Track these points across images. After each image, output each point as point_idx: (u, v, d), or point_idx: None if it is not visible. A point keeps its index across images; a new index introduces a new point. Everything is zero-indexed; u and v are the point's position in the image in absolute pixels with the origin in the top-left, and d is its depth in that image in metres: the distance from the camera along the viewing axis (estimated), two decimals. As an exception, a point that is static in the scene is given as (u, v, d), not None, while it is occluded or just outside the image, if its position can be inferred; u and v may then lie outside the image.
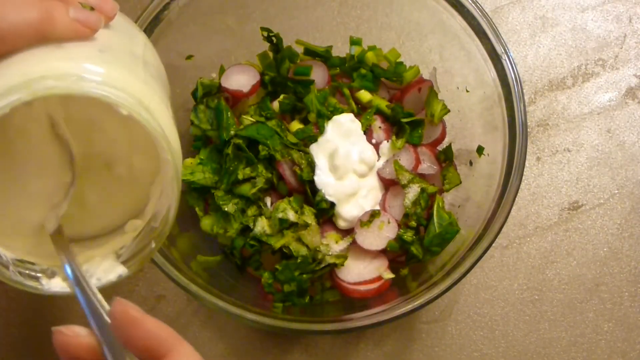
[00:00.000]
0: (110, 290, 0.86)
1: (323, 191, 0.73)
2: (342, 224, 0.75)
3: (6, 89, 0.43)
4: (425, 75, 0.84)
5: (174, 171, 0.50)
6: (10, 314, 0.85)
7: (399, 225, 0.76)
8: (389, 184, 0.78)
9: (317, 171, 0.74)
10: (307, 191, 0.74)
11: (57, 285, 0.54)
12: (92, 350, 0.46)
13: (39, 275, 0.55)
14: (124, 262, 0.56)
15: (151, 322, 0.45)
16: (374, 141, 0.79)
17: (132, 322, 0.45)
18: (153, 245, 0.54)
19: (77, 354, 0.46)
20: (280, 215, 0.72)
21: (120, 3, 0.97)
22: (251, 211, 0.75)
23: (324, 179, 0.73)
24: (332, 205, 0.73)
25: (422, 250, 0.75)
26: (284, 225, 0.73)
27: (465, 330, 0.84)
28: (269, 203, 0.76)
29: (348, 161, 0.74)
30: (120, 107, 0.46)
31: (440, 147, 0.84)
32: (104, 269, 0.55)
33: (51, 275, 0.55)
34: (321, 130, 0.76)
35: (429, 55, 0.85)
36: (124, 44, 0.53)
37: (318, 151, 0.75)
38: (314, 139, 0.75)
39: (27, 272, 0.54)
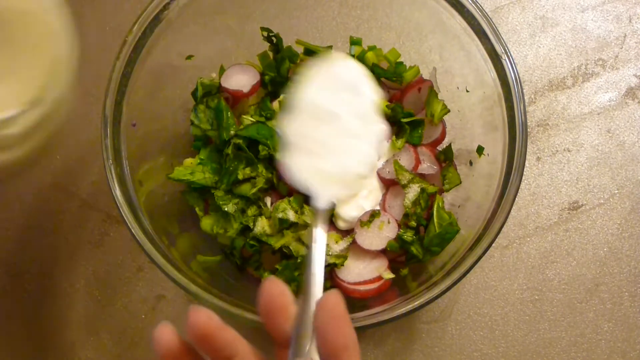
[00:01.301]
0: (110, 291, 0.86)
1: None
2: (341, 224, 0.75)
3: None
4: (425, 75, 0.84)
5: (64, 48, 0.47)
6: (10, 314, 0.85)
7: (399, 225, 0.76)
8: (389, 184, 0.78)
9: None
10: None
11: None
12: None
13: None
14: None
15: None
16: (374, 141, 0.78)
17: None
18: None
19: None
20: (280, 215, 0.72)
21: (120, 3, 0.98)
22: (251, 211, 0.75)
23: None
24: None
25: (422, 250, 0.75)
26: (284, 225, 0.73)
27: (465, 330, 0.84)
28: (269, 203, 0.76)
29: None
30: None
31: (440, 147, 0.83)
32: None
33: None
34: None
35: (429, 55, 0.85)
36: None
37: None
38: None
39: None
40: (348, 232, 0.76)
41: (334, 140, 0.60)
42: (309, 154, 0.60)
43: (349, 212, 0.74)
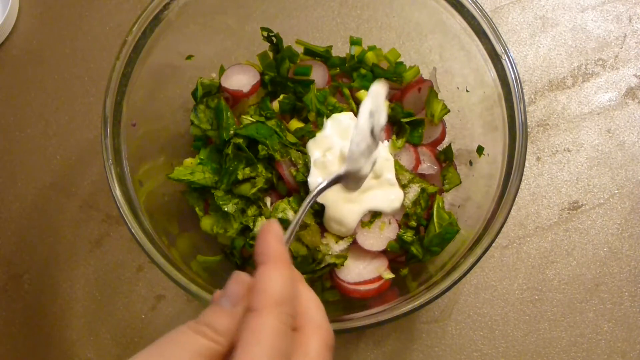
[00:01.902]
0: (110, 291, 0.86)
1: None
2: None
3: None
4: (425, 75, 0.84)
5: None
6: (10, 314, 0.85)
7: (399, 225, 0.76)
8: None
9: (312, 171, 0.73)
10: (301, 192, 0.74)
11: None
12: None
13: None
14: None
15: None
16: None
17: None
18: None
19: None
20: (280, 215, 0.72)
21: (120, 3, 0.98)
22: (251, 211, 0.75)
23: (316, 181, 0.73)
24: (323, 207, 0.73)
25: (422, 250, 0.75)
26: (284, 225, 0.73)
27: (465, 330, 0.84)
28: (268, 203, 0.76)
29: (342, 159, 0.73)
30: None
31: (440, 147, 0.83)
32: None
33: None
34: (319, 127, 0.76)
35: (429, 55, 0.85)
36: None
37: (314, 147, 0.74)
38: (312, 135, 0.75)
39: None
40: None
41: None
42: None
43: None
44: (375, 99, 0.62)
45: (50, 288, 0.86)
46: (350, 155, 0.62)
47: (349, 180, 0.63)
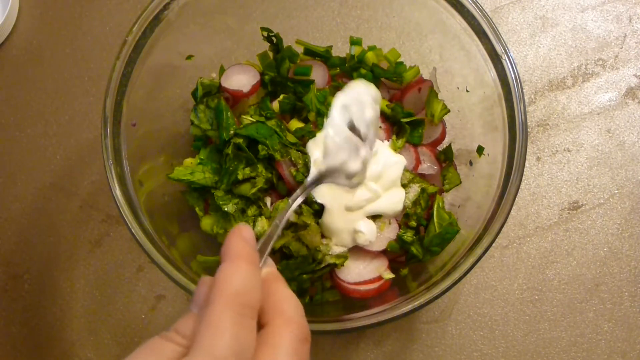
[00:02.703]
0: (110, 291, 0.86)
1: (313, 193, 0.72)
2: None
3: None
4: (425, 75, 0.84)
5: None
6: (10, 314, 0.85)
7: (399, 226, 0.76)
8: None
9: (312, 170, 0.73)
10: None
11: None
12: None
13: None
14: None
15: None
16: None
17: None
18: None
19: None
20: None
21: (120, 3, 0.98)
22: (251, 211, 0.75)
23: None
24: (323, 206, 0.73)
25: (422, 250, 0.75)
26: (284, 225, 0.73)
27: (465, 330, 0.84)
28: (268, 203, 0.76)
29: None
30: None
31: (440, 147, 0.83)
32: None
33: None
34: (319, 127, 0.76)
35: (429, 55, 0.85)
36: None
37: (314, 147, 0.74)
38: (312, 135, 0.75)
39: None
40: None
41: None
42: None
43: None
44: (351, 92, 0.62)
45: (50, 288, 0.86)
46: (326, 151, 0.61)
47: (337, 177, 0.63)
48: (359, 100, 0.62)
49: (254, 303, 0.45)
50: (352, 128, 0.62)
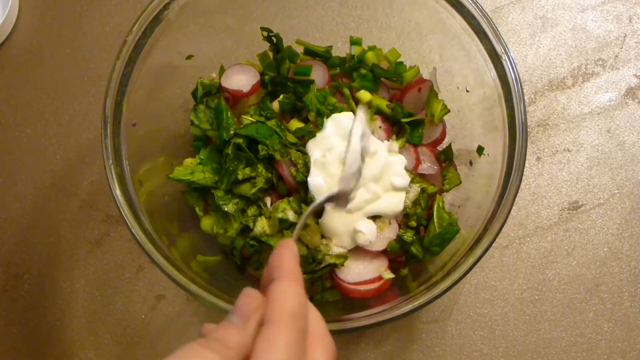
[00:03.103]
0: (110, 291, 0.86)
1: (313, 193, 0.73)
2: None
3: None
4: (425, 75, 0.84)
5: None
6: (10, 314, 0.85)
7: (399, 226, 0.76)
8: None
9: (312, 171, 0.73)
10: (300, 192, 0.74)
11: None
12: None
13: None
14: None
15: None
16: (374, 141, 0.78)
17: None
18: None
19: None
20: (280, 215, 0.72)
21: (120, 3, 0.98)
22: (251, 211, 0.75)
23: (315, 181, 0.73)
24: (323, 206, 0.73)
25: (422, 250, 0.75)
26: (284, 225, 0.73)
27: (465, 330, 0.84)
28: (268, 203, 0.76)
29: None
30: None
31: (440, 147, 0.83)
32: None
33: None
34: (319, 127, 0.76)
35: (429, 55, 0.85)
36: None
37: (314, 148, 0.74)
38: (312, 135, 0.75)
39: None
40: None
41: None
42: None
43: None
44: (364, 121, 0.66)
45: (50, 288, 0.86)
46: (344, 176, 0.64)
47: (340, 199, 0.65)
48: (366, 129, 0.67)
49: (306, 326, 0.46)
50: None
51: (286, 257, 0.49)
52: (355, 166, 0.65)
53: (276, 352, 0.42)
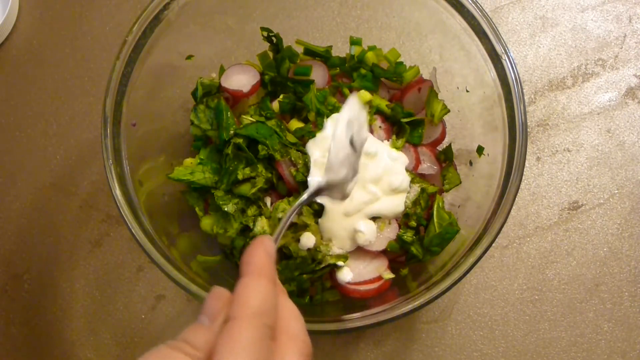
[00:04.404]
0: (110, 291, 0.86)
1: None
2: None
3: None
4: (425, 75, 0.84)
5: None
6: (10, 314, 0.85)
7: (399, 226, 0.76)
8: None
9: (312, 171, 0.73)
10: (300, 192, 0.74)
11: None
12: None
13: None
14: None
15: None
16: (374, 141, 0.78)
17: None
18: None
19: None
20: (280, 215, 0.72)
21: (120, 3, 0.98)
22: (251, 211, 0.75)
23: (315, 181, 0.73)
24: (323, 206, 0.73)
25: (422, 250, 0.75)
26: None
27: (465, 330, 0.84)
28: (268, 203, 0.76)
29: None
30: None
31: (440, 147, 0.83)
32: None
33: None
34: (319, 127, 0.76)
35: (429, 55, 0.85)
36: None
37: (314, 148, 0.74)
38: (312, 135, 0.75)
39: None
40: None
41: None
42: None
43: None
44: (353, 109, 0.62)
45: (50, 288, 0.86)
46: (329, 166, 0.62)
47: (333, 191, 0.63)
48: (359, 116, 0.63)
49: (273, 323, 0.45)
50: (351, 143, 0.62)
51: (257, 253, 0.48)
52: (342, 154, 0.61)
53: (237, 347, 0.41)
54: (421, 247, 0.75)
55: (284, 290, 0.52)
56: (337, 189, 0.63)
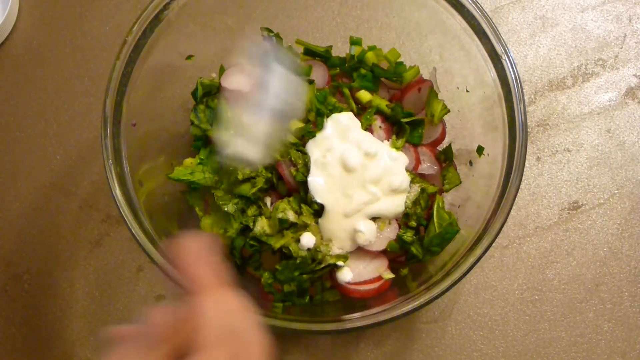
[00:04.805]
0: (110, 291, 0.86)
1: (312, 193, 0.72)
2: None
3: None
4: (425, 75, 0.84)
5: None
6: (10, 314, 0.85)
7: (399, 226, 0.76)
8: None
9: (312, 170, 0.73)
10: (300, 192, 0.74)
11: None
12: None
13: None
14: None
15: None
16: (374, 141, 0.78)
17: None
18: None
19: None
20: (280, 215, 0.72)
21: (120, 3, 0.98)
22: (251, 211, 0.75)
23: (315, 181, 0.73)
24: (323, 206, 0.73)
25: (422, 250, 0.75)
26: (284, 225, 0.73)
27: (465, 330, 0.84)
28: (268, 203, 0.76)
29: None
30: None
31: (440, 147, 0.83)
32: None
33: None
34: (319, 127, 0.76)
35: (429, 55, 0.85)
36: None
37: (314, 148, 0.74)
38: (312, 135, 0.75)
39: None
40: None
41: None
42: None
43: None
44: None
45: (50, 288, 0.86)
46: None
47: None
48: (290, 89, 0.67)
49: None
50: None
51: (192, 264, 0.47)
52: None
53: None
54: (421, 247, 0.75)
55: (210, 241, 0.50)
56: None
